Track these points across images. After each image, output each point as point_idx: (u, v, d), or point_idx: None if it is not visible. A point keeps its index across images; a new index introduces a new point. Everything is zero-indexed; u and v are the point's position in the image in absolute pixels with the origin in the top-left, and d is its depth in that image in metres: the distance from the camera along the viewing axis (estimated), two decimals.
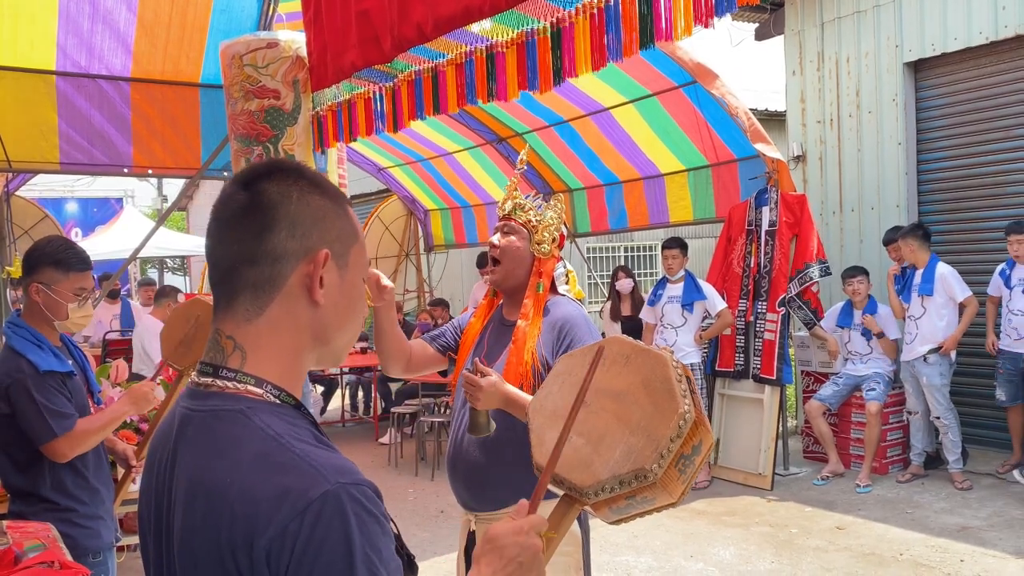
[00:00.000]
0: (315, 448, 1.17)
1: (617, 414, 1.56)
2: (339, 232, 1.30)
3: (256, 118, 4.59)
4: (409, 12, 3.56)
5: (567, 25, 3.19)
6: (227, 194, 1.29)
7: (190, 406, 1.26)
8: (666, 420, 1.51)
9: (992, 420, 7.49)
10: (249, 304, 1.25)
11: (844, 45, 8.60)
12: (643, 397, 1.56)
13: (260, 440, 1.16)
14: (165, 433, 1.31)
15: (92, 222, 19.67)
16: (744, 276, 7.72)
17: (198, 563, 1.15)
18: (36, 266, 2.99)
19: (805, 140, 9.10)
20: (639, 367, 1.60)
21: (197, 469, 1.18)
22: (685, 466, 1.55)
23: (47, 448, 2.90)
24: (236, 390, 1.22)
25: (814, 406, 7.50)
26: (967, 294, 6.87)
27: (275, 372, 1.25)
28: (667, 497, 1.55)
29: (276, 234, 1.24)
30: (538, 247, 2.90)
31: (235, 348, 1.25)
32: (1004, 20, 7.24)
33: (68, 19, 5.34)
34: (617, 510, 1.57)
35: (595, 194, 9.87)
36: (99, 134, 6.05)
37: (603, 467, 1.53)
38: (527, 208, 2.92)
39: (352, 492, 1.11)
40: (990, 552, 5.48)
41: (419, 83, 4.06)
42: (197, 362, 3.40)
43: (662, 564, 5.56)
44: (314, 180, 1.30)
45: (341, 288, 1.30)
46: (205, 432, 1.21)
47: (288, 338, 1.27)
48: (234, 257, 1.25)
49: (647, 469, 1.48)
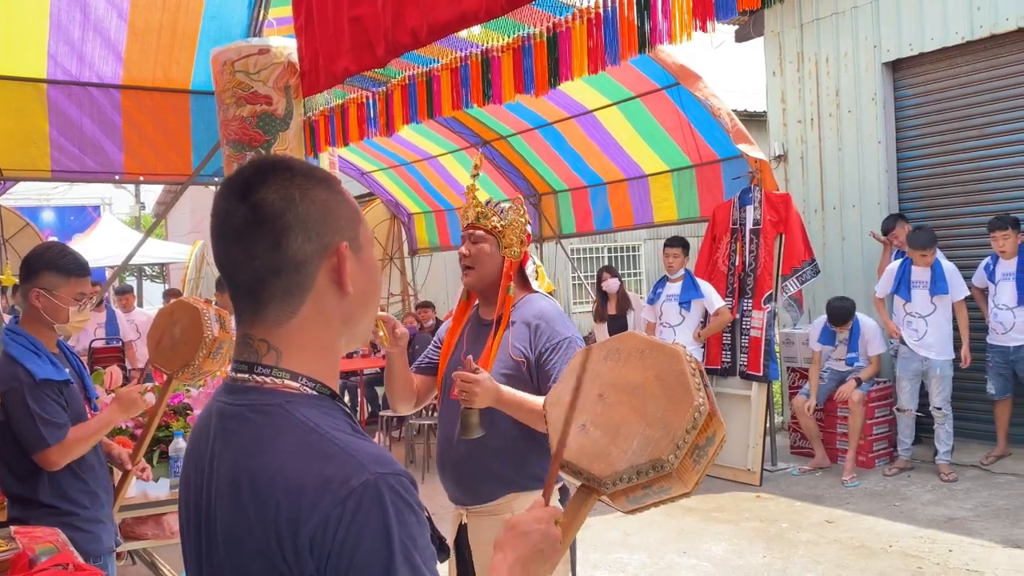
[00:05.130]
0: (353, 437, 1.20)
1: (633, 407, 1.61)
2: (346, 219, 1.31)
3: (248, 124, 4.60)
4: (403, 18, 3.55)
5: (564, 30, 3.22)
6: (226, 208, 1.27)
7: (228, 400, 1.29)
8: (681, 412, 1.55)
9: (975, 413, 7.60)
10: (280, 310, 1.27)
11: (823, 46, 8.70)
12: (658, 390, 1.60)
13: (301, 432, 1.19)
14: (202, 428, 1.34)
15: (69, 230, 19.35)
16: (729, 274, 7.80)
17: (244, 553, 1.18)
18: (36, 271, 3.01)
19: (786, 140, 9.19)
20: (653, 362, 1.64)
21: (241, 462, 1.21)
22: (699, 456, 1.59)
23: (39, 457, 2.93)
24: (274, 385, 1.25)
25: (800, 401, 7.59)
26: (966, 293, 7.03)
27: (310, 366, 1.28)
28: (682, 487, 1.58)
29: (292, 240, 1.24)
30: (508, 251, 2.93)
31: (269, 349, 1.27)
32: (979, 20, 7.37)
33: (59, 27, 5.34)
34: (633, 499, 1.61)
35: (580, 195, 9.93)
36: (90, 141, 6.04)
37: (621, 458, 1.57)
38: (490, 215, 2.95)
39: (390, 482, 1.14)
40: (977, 541, 5.58)
41: (413, 88, 4.08)
42: (183, 366, 3.40)
43: (655, 561, 5.62)
44: (307, 173, 1.30)
45: (361, 271, 1.32)
46: (246, 426, 1.23)
47: (321, 331, 1.29)
48: (255, 271, 1.25)
49: (664, 459, 1.52)
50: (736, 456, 7.43)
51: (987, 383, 7.09)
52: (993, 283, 6.99)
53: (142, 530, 4.28)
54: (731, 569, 5.44)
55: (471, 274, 2.95)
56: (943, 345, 7.03)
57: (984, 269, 7.10)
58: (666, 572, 5.45)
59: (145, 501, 4.20)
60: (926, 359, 7.06)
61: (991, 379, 7.06)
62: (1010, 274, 6.86)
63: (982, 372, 7.16)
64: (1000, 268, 6.92)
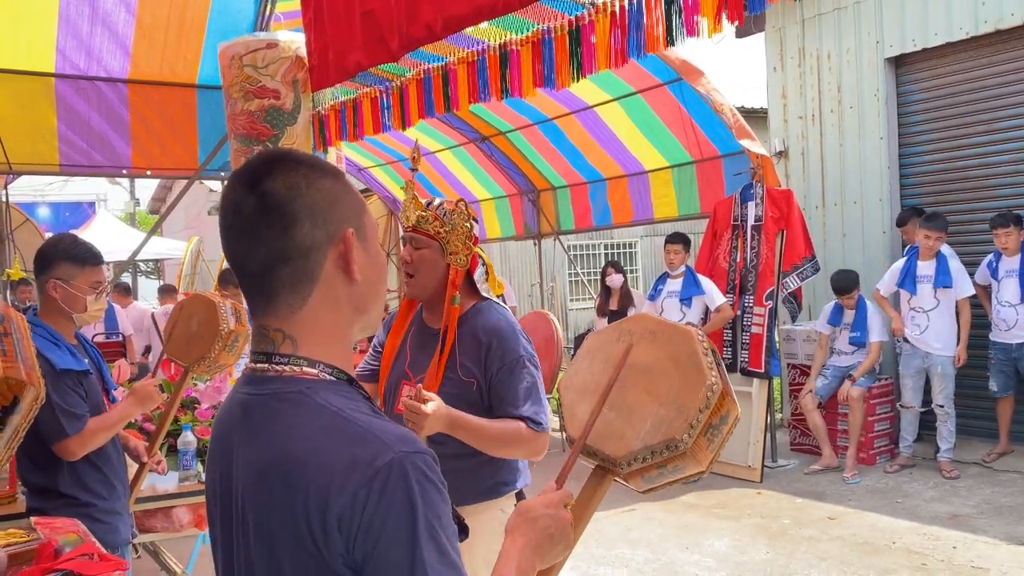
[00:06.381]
0: (375, 418, 1.24)
1: (646, 388, 1.61)
2: (352, 207, 1.34)
3: (256, 118, 4.61)
4: (417, 12, 3.52)
5: (587, 23, 3.18)
6: (235, 199, 1.30)
7: (249, 391, 1.32)
8: (694, 392, 1.55)
9: (977, 410, 7.59)
10: (291, 299, 1.29)
11: (825, 41, 8.68)
12: (672, 370, 1.60)
13: (326, 416, 1.22)
14: (225, 420, 1.37)
15: (65, 226, 19.46)
16: (730, 271, 7.79)
17: (274, 538, 1.21)
18: (51, 263, 3.04)
19: (787, 136, 9.18)
20: (666, 342, 1.65)
21: (269, 450, 1.23)
22: (713, 436, 1.60)
23: (58, 447, 2.95)
24: (293, 372, 1.28)
25: (808, 400, 7.57)
26: (971, 292, 7.02)
27: (326, 352, 1.31)
28: (696, 465, 1.59)
29: (301, 228, 1.27)
30: (453, 258, 2.71)
31: (285, 338, 1.30)
32: (984, 15, 7.35)
33: (68, 22, 5.34)
34: (648, 479, 1.62)
35: (579, 192, 9.88)
36: (98, 136, 6.05)
37: (635, 438, 1.57)
38: (431, 219, 2.71)
39: (415, 460, 1.17)
40: (981, 538, 5.58)
41: (428, 81, 4.04)
42: (200, 358, 3.42)
43: (658, 556, 5.60)
44: (312, 163, 1.34)
45: (368, 259, 1.35)
46: (270, 414, 1.26)
47: (333, 318, 1.32)
48: (264, 260, 1.28)
49: (678, 439, 1.53)
50: (737, 453, 7.41)
51: (989, 380, 7.08)
52: (996, 280, 6.98)
53: (151, 523, 4.28)
54: (734, 565, 5.42)
55: (413, 283, 2.75)
56: (946, 342, 7.02)
57: (987, 266, 7.09)
58: (669, 568, 5.43)
59: (154, 494, 4.21)
60: (928, 355, 7.05)
61: (993, 376, 7.05)
62: (1013, 271, 6.84)
63: (984, 369, 7.15)
64: (1003, 265, 6.92)
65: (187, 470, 4.35)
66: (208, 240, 18.81)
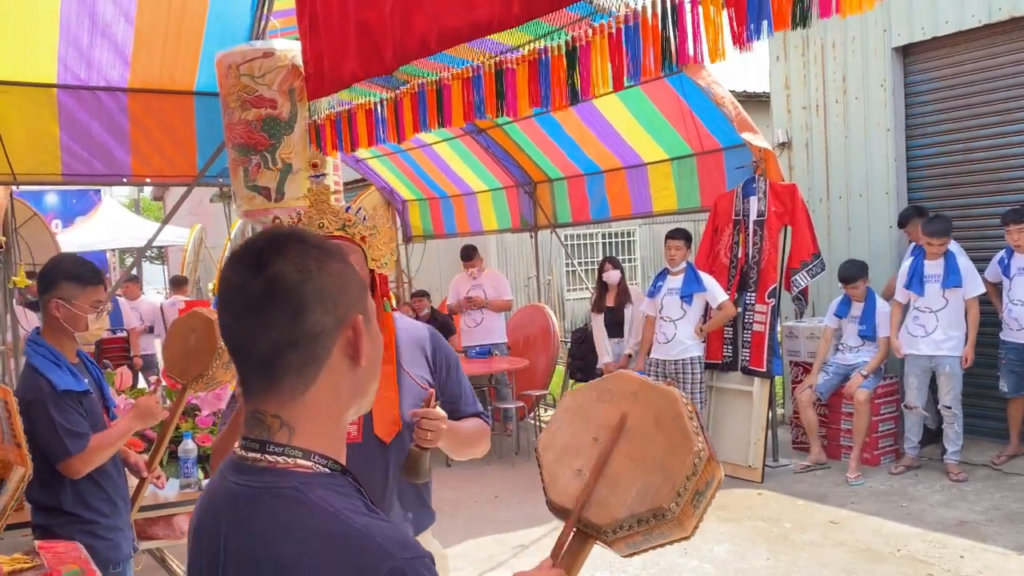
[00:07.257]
0: (371, 519, 1.20)
1: (629, 452, 1.61)
2: (357, 290, 1.31)
3: (253, 128, 4.68)
4: (412, 24, 3.50)
5: (583, 44, 3.03)
6: (239, 282, 1.25)
7: (239, 481, 1.27)
8: (681, 458, 1.54)
9: (986, 410, 7.40)
10: (294, 384, 1.25)
11: (830, 30, 8.45)
12: (655, 434, 1.59)
13: (321, 517, 1.18)
14: (209, 505, 1.33)
15: (72, 213, 19.74)
16: (731, 267, 7.58)
17: None
18: (54, 282, 3.13)
19: (790, 127, 8.97)
20: (648, 404, 1.63)
21: (260, 547, 1.20)
22: (699, 501, 1.58)
23: (62, 466, 3.06)
24: (286, 465, 1.24)
25: (806, 396, 7.39)
26: (981, 291, 6.79)
27: (321, 441, 1.27)
28: (681, 531, 1.58)
29: (311, 313, 1.23)
30: (378, 263, 2.62)
31: (282, 425, 1.26)
32: (998, 2, 7.09)
33: (68, 33, 5.44)
34: (632, 545, 1.62)
35: (576, 184, 9.70)
36: (99, 145, 6.19)
37: (620, 506, 1.56)
38: (355, 223, 2.57)
39: (416, 566, 1.15)
40: (991, 548, 5.38)
41: (423, 96, 3.95)
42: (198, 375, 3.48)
43: (656, 561, 5.44)
44: (321, 245, 1.29)
45: (371, 342, 1.32)
46: (262, 510, 1.22)
47: (333, 404, 1.29)
48: (271, 345, 1.23)
49: (665, 508, 1.52)
50: (737, 453, 7.26)
51: (1000, 380, 6.87)
52: (1008, 278, 6.75)
53: (153, 531, 4.41)
54: (734, 572, 5.27)
55: None
56: (955, 342, 6.78)
57: (998, 263, 6.87)
58: (667, 573, 5.29)
59: (156, 503, 4.32)
60: (933, 356, 6.84)
61: (1004, 376, 6.83)
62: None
63: (993, 368, 6.95)
64: (1015, 262, 6.69)
65: (188, 477, 4.45)
66: (210, 227, 19.14)
